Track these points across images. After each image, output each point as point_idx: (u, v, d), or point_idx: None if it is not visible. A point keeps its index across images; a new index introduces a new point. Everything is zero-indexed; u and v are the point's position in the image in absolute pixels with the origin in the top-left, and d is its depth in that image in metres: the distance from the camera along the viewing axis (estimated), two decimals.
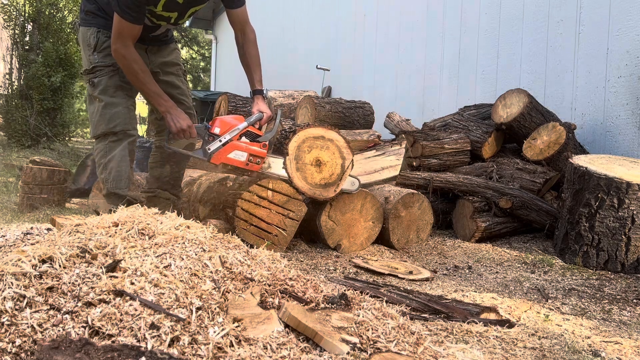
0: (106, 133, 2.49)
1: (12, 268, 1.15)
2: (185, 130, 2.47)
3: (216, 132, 2.48)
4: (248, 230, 2.58)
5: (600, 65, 3.65)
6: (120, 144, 2.49)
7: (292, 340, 1.14)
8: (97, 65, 2.50)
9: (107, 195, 2.52)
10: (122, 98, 2.52)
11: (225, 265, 1.38)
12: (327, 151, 2.71)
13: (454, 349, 1.31)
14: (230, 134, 2.48)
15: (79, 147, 10.98)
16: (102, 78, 2.49)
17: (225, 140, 2.47)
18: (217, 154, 2.46)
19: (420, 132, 3.87)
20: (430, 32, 5.47)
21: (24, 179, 4.16)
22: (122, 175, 2.48)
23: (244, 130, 2.52)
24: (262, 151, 2.53)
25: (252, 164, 2.52)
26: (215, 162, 2.47)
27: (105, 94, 2.49)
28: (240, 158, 2.49)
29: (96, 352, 0.93)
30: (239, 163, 2.50)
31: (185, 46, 18.86)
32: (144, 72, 2.40)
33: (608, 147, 3.54)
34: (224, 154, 2.47)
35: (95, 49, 2.50)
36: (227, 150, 2.47)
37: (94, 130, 2.52)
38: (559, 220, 2.89)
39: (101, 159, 2.51)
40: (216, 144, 2.47)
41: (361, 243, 2.86)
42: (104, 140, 2.50)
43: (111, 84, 2.50)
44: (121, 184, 2.48)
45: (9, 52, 11.70)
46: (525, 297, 2.11)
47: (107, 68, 2.49)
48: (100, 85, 2.49)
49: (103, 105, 2.48)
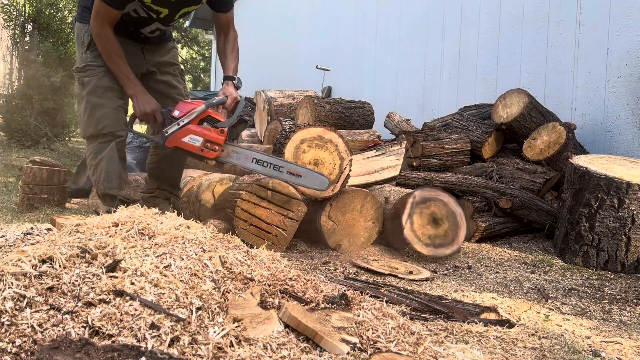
0: (95, 135, 2.47)
1: (12, 268, 1.15)
2: (149, 113, 2.44)
3: (175, 115, 2.42)
4: (248, 230, 2.58)
5: (600, 65, 3.65)
6: (109, 145, 2.48)
7: (292, 340, 1.14)
8: (89, 64, 2.47)
9: (101, 197, 2.52)
10: (111, 99, 2.48)
11: (225, 265, 1.38)
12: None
13: (454, 349, 1.31)
14: (188, 117, 2.40)
15: (79, 147, 10.98)
16: (92, 78, 2.46)
17: (183, 124, 2.40)
18: (172, 138, 2.40)
19: (420, 132, 3.87)
20: (430, 32, 5.47)
21: (24, 179, 4.16)
22: (112, 175, 2.46)
23: (203, 114, 2.42)
24: (218, 137, 2.41)
25: (207, 150, 2.42)
26: (169, 145, 2.41)
27: (94, 95, 2.46)
28: (195, 143, 2.40)
29: (96, 352, 0.93)
30: (193, 148, 2.41)
31: (185, 46, 18.86)
32: (117, 54, 2.38)
33: (608, 147, 3.54)
34: (179, 138, 2.40)
35: (88, 48, 2.48)
36: (182, 134, 2.40)
37: (84, 131, 2.51)
38: (559, 220, 2.89)
39: (92, 161, 2.49)
40: (173, 127, 2.41)
41: (361, 243, 2.86)
42: (93, 142, 2.48)
43: (101, 84, 2.47)
44: (112, 184, 2.46)
45: (9, 52, 11.71)
46: (525, 297, 2.11)
47: (99, 68, 2.46)
48: (89, 85, 2.47)
49: (91, 107, 2.46)
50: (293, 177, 2.52)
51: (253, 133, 4.83)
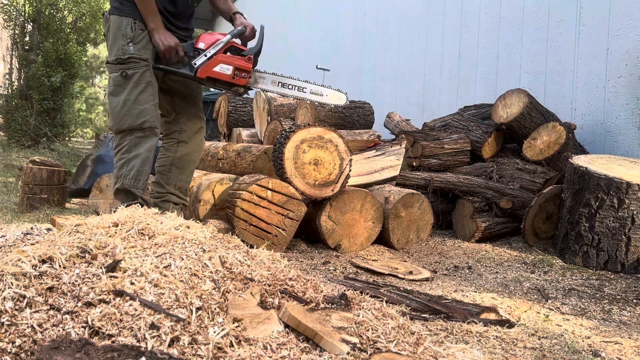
0: (133, 128, 2.46)
1: (12, 268, 1.15)
2: (172, 47, 2.47)
3: (201, 47, 2.48)
4: (248, 230, 2.58)
5: (600, 65, 3.65)
6: (147, 142, 2.46)
7: (292, 341, 1.14)
8: (133, 56, 2.47)
9: (119, 191, 2.48)
10: (151, 95, 2.49)
11: (225, 265, 1.38)
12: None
13: (454, 349, 1.31)
14: (215, 48, 2.47)
15: (79, 147, 10.98)
16: (136, 71, 2.46)
17: (211, 54, 2.47)
18: (203, 68, 2.46)
19: (420, 132, 3.87)
20: (430, 32, 5.47)
21: (24, 179, 4.16)
22: (142, 176, 2.45)
23: (229, 44, 2.50)
24: (247, 64, 2.51)
25: (238, 77, 2.51)
26: (201, 75, 2.47)
27: (137, 88, 2.46)
28: (226, 71, 2.49)
29: (96, 352, 0.93)
30: (225, 77, 2.49)
31: None
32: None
33: (608, 147, 3.54)
34: (209, 68, 2.46)
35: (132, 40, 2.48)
36: (213, 63, 2.46)
37: (119, 123, 2.47)
38: (559, 220, 2.89)
39: (124, 154, 2.47)
40: (201, 58, 2.46)
41: (361, 243, 2.86)
42: (129, 135, 2.46)
43: (144, 79, 2.47)
44: (139, 184, 2.45)
45: (9, 52, 11.72)
46: (525, 297, 2.11)
47: (142, 62, 2.47)
48: (133, 78, 2.46)
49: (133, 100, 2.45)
50: (316, 95, 2.77)
51: (253, 133, 4.82)
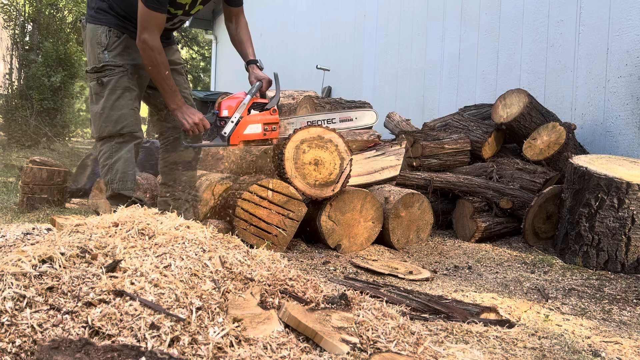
0: (113, 134, 2.47)
1: (12, 268, 1.15)
2: (198, 124, 2.49)
3: (225, 114, 2.54)
4: (248, 230, 2.58)
5: (600, 65, 3.65)
6: (126, 146, 2.48)
7: (292, 341, 1.14)
8: (108, 64, 2.47)
9: (112, 197, 2.51)
10: (129, 100, 2.49)
11: (225, 265, 1.38)
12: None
13: (454, 349, 1.31)
14: (239, 112, 2.54)
15: (79, 147, 10.98)
16: (111, 78, 2.47)
17: (237, 119, 2.53)
18: (234, 135, 2.52)
19: (420, 132, 3.87)
20: (430, 32, 5.47)
21: (24, 179, 4.16)
22: (128, 176, 2.47)
23: (250, 103, 2.57)
24: (273, 117, 2.59)
25: (269, 132, 2.59)
26: (235, 142, 2.53)
27: (113, 95, 2.47)
28: (256, 131, 2.56)
29: (96, 352, 0.93)
30: (257, 136, 2.57)
31: (185, 46, 18.84)
32: (166, 66, 2.40)
33: (608, 147, 3.54)
34: (240, 132, 2.53)
35: (107, 48, 2.48)
36: (242, 128, 2.54)
37: (99, 131, 2.49)
38: (559, 220, 2.89)
39: (106, 160, 2.49)
40: (229, 126, 2.53)
41: (361, 243, 2.86)
42: (109, 142, 2.48)
43: (120, 85, 2.48)
44: (127, 185, 2.48)
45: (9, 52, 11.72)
46: (525, 297, 2.11)
47: (118, 68, 2.47)
48: (109, 85, 2.47)
49: (110, 106, 2.46)
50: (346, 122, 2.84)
51: None
